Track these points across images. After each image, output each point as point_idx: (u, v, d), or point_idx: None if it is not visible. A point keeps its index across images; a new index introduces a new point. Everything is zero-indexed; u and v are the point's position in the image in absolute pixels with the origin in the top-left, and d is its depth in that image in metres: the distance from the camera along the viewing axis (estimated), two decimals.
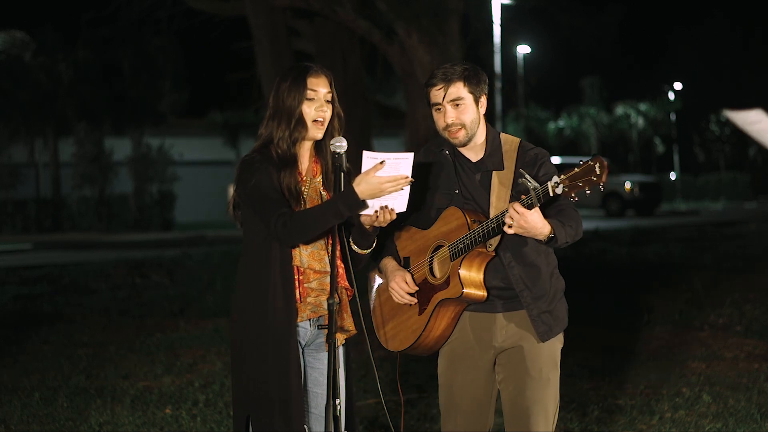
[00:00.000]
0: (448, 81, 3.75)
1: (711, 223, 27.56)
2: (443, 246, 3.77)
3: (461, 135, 3.77)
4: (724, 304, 9.84)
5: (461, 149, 3.85)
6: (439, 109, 3.78)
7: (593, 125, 51.80)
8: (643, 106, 52.68)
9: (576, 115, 51.81)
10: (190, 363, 7.89)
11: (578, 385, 6.85)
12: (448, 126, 3.76)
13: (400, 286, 3.80)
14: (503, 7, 24.42)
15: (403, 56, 14.08)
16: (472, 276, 3.70)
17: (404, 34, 13.71)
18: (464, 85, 3.76)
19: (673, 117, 54.67)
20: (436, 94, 3.77)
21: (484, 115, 3.84)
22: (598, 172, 3.40)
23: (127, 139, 36.04)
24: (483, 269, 3.73)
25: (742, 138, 55.01)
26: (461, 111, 3.76)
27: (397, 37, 14.12)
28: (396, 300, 3.83)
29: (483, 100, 3.82)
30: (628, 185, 34.67)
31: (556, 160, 36.45)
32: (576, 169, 3.44)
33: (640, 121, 52.84)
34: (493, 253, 3.74)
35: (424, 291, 3.80)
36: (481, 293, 3.72)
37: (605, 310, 10.03)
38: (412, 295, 3.80)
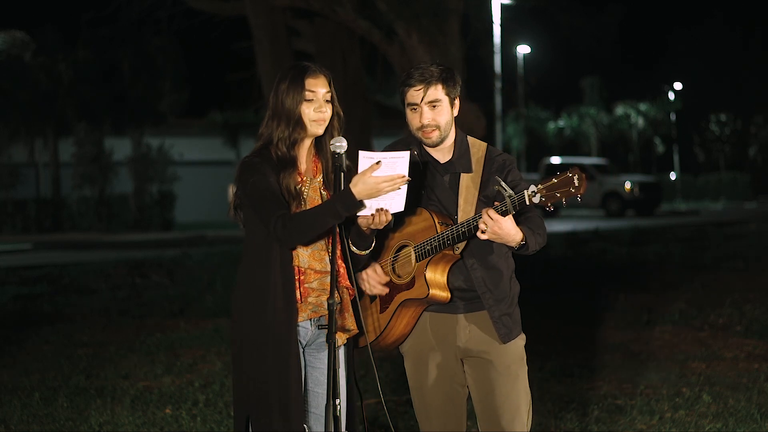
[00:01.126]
0: (427, 83, 3.76)
1: (711, 223, 27.56)
2: (407, 246, 3.78)
3: (435, 136, 3.78)
4: (724, 304, 9.84)
5: (430, 150, 3.86)
6: (415, 110, 3.79)
7: (593, 125, 51.79)
8: (643, 106, 52.67)
9: (576, 115, 51.80)
10: (190, 363, 7.89)
11: (578, 385, 6.85)
12: (423, 126, 3.78)
13: (371, 276, 3.81)
14: (503, 7, 24.41)
15: (403, 56, 14.06)
16: (437, 278, 3.72)
17: (404, 34, 13.70)
18: (442, 87, 3.77)
19: (673, 117, 54.66)
20: (414, 94, 3.77)
21: (455, 117, 3.85)
22: (576, 184, 3.42)
23: (127, 139, 36.03)
24: (447, 271, 3.75)
25: (742, 138, 55.05)
26: (437, 113, 3.77)
27: (397, 37, 14.10)
28: (365, 290, 3.83)
29: (456, 102, 3.84)
30: (628, 185, 34.67)
31: (556, 160, 36.44)
32: (554, 179, 3.45)
33: (640, 121, 52.82)
34: (459, 256, 3.76)
35: (387, 290, 3.81)
36: (446, 294, 3.74)
37: (605, 310, 10.03)
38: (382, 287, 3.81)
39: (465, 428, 3.96)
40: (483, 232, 3.55)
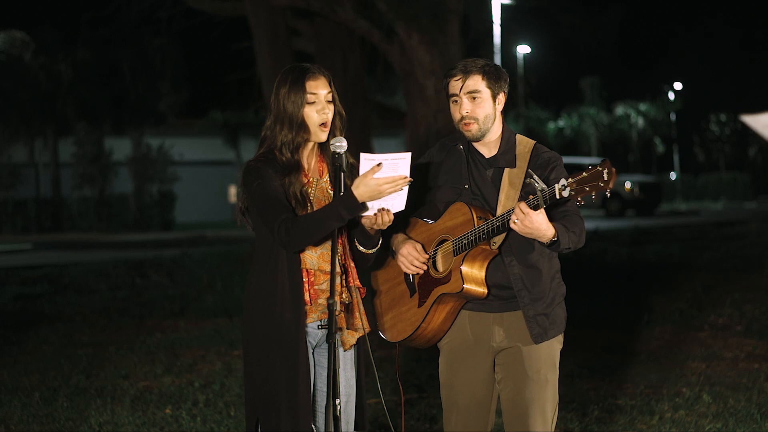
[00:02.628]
0: (466, 72, 3.75)
1: (711, 223, 27.56)
2: (447, 240, 3.77)
3: (474, 128, 3.76)
4: (724, 304, 9.84)
5: (476, 145, 3.84)
6: (456, 101, 3.78)
7: (593, 125, 51.81)
8: (643, 106, 52.69)
9: (576, 115, 51.83)
10: (190, 363, 7.89)
11: (578, 385, 6.84)
12: (462, 118, 3.76)
13: (411, 253, 3.78)
14: (503, 7, 24.43)
15: (403, 56, 14.07)
16: (473, 272, 3.70)
17: (404, 34, 13.70)
18: (482, 79, 3.75)
19: (673, 117, 54.68)
20: (455, 84, 3.77)
21: (501, 112, 3.84)
22: (605, 178, 3.39)
23: (127, 139, 36.05)
24: (485, 267, 3.73)
25: (742, 138, 55.06)
26: (477, 104, 3.75)
27: (397, 37, 14.11)
28: (404, 269, 3.81)
29: (501, 97, 3.80)
30: (628, 185, 34.68)
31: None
32: (584, 173, 3.42)
33: (640, 121, 52.85)
34: (497, 251, 3.73)
35: (426, 284, 3.80)
36: (482, 290, 3.71)
37: (605, 310, 10.02)
38: (418, 267, 3.77)
39: (493, 425, 3.94)
40: (515, 223, 3.52)
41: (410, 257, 3.78)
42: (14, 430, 6.07)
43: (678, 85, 54.32)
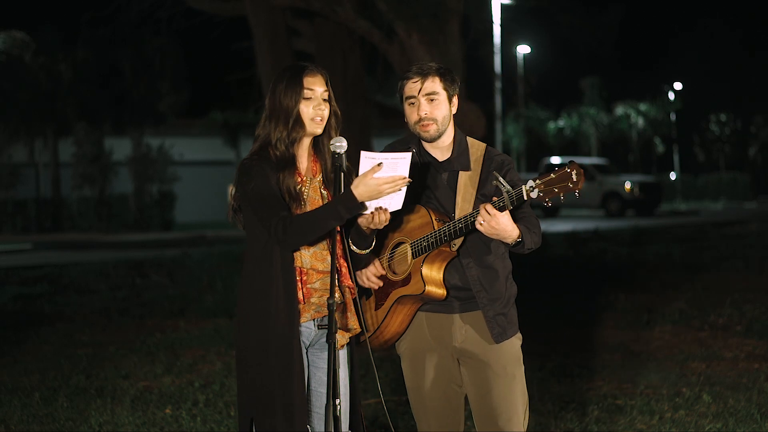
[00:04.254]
0: (424, 75, 3.79)
1: (711, 223, 27.55)
2: (404, 243, 3.79)
3: (432, 129, 3.79)
4: (724, 304, 9.84)
5: (428, 148, 3.87)
6: (413, 103, 3.81)
7: (593, 125, 51.77)
8: (643, 106, 52.65)
9: (576, 115, 51.78)
10: (190, 363, 7.89)
11: (578, 385, 6.84)
12: (420, 120, 3.79)
13: (369, 269, 3.82)
14: (503, 7, 24.42)
15: (403, 56, 14.06)
16: (433, 274, 3.72)
17: (404, 34, 13.70)
18: (440, 81, 3.80)
19: (673, 117, 54.65)
20: (412, 87, 3.80)
21: (454, 115, 3.86)
22: (574, 179, 3.41)
23: (127, 139, 36.02)
24: (443, 268, 3.75)
25: (742, 138, 55.08)
26: (435, 106, 3.79)
27: (397, 37, 14.10)
28: (361, 283, 3.83)
29: (455, 99, 3.86)
30: (628, 185, 34.67)
31: (556, 160, 36.41)
32: (552, 174, 3.44)
33: (640, 121, 52.81)
34: (455, 253, 3.76)
35: (384, 286, 3.82)
36: (441, 292, 3.74)
37: (605, 310, 10.03)
38: (377, 280, 3.82)
39: (463, 428, 3.96)
40: (481, 224, 3.55)
41: (368, 272, 3.82)
42: (14, 430, 6.07)
43: (678, 85, 54.28)
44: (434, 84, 3.79)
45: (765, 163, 55.63)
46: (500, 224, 3.54)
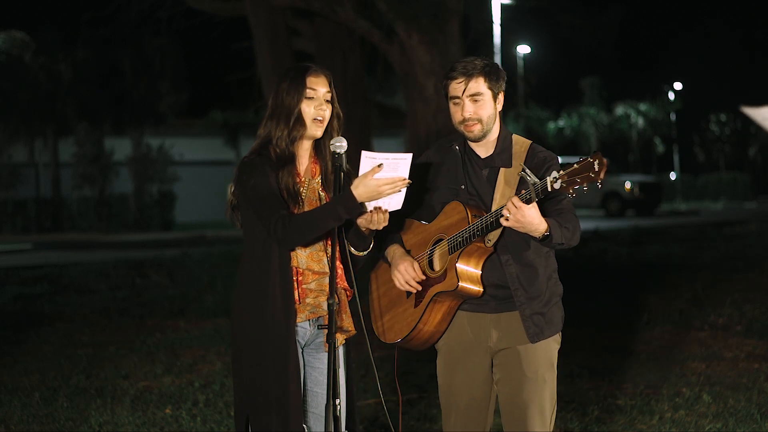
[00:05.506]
0: (468, 75, 3.73)
1: (711, 223, 27.55)
2: (443, 239, 3.77)
3: (477, 129, 3.76)
4: (724, 304, 9.84)
5: (472, 145, 3.84)
6: (458, 103, 3.77)
7: (593, 125, 51.77)
8: (643, 106, 52.65)
9: (576, 115, 51.78)
10: (190, 363, 7.89)
11: (578, 385, 6.84)
12: (465, 120, 3.75)
13: (407, 271, 3.77)
14: (503, 7, 24.43)
15: (403, 56, 14.07)
16: (469, 270, 3.70)
17: (404, 34, 13.70)
18: (484, 81, 3.75)
19: (673, 117, 54.65)
20: (456, 87, 3.75)
21: (500, 112, 3.84)
22: (596, 169, 3.40)
23: (127, 139, 36.02)
24: (481, 264, 3.72)
25: (742, 138, 55.06)
26: (479, 106, 3.75)
27: (397, 37, 14.11)
28: (398, 285, 3.80)
29: (500, 96, 3.81)
30: (628, 185, 34.66)
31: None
32: (575, 165, 3.44)
33: (640, 121, 52.81)
34: (492, 249, 3.73)
35: (422, 283, 3.79)
36: (477, 288, 3.71)
37: (605, 310, 10.03)
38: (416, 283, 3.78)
39: (489, 429, 3.94)
40: (507, 219, 3.52)
41: (406, 275, 3.78)
42: (14, 430, 6.07)
43: (678, 85, 54.28)
44: (478, 84, 3.73)
45: (765, 163, 55.63)
46: (526, 217, 3.49)
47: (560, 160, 3.84)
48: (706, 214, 36.39)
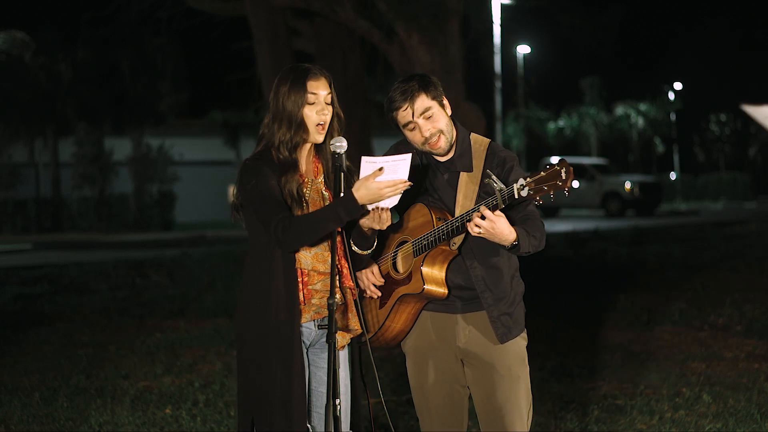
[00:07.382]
0: (411, 98, 3.73)
1: (711, 223, 27.55)
2: (407, 241, 3.79)
3: (442, 142, 3.76)
4: (724, 304, 9.84)
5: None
6: (413, 128, 3.76)
7: (593, 125, 51.77)
8: (643, 106, 52.65)
9: (576, 115, 51.78)
10: (190, 363, 7.89)
11: (578, 385, 6.85)
12: (427, 139, 3.75)
13: (367, 277, 3.83)
14: (503, 7, 24.42)
15: (403, 56, 14.06)
16: (434, 273, 3.72)
17: (404, 34, 13.69)
18: (426, 95, 3.74)
19: (673, 117, 54.65)
20: (404, 114, 3.75)
21: (450, 116, 3.83)
22: (563, 177, 3.40)
23: (127, 139, 36.03)
24: (445, 267, 3.75)
25: (742, 138, 55.06)
26: (434, 120, 3.74)
27: (397, 37, 14.10)
28: (362, 287, 3.85)
29: (445, 101, 3.81)
30: (628, 185, 34.67)
31: (556, 160, 36.37)
32: (542, 172, 3.44)
33: (640, 121, 52.81)
34: (456, 252, 3.75)
35: (387, 285, 3.83)
36: (442, 290, 3.74)
37: (605, 310, 10.03)
38: (377, 287, 3.83)
39: (466, 428, 3.96)
40: (478, 226, 3.53)
41: (366, 282, 3.83)
42: (14, 430, 6.08)
43: (678, 85, 54.27)
44: (423, 101, 3.72)
45: (765, 163, 55.62)
46: (497, 228, 3.51)
47: (562, 160, 3.83)
48: (706, 214, 36.39)
